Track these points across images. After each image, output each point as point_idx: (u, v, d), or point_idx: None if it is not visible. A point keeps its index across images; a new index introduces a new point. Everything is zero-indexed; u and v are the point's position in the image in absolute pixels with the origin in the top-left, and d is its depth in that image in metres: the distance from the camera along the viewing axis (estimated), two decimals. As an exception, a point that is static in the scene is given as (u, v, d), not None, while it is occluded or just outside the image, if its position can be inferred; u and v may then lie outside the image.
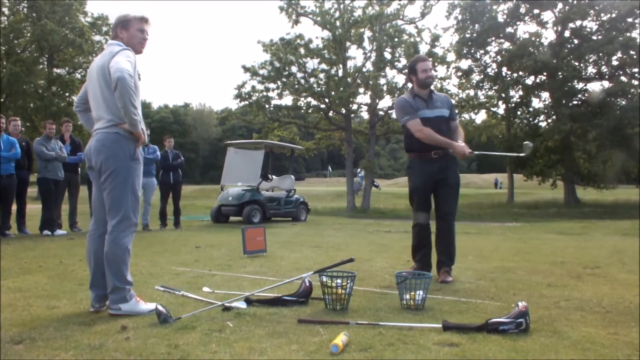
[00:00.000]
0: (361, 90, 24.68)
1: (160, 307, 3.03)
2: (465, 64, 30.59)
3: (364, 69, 24.58)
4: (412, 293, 3.38)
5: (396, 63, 24.78)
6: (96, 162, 3.40)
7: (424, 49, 24.19)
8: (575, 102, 27.97)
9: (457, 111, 22.44)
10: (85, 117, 3.69)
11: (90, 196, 9.85)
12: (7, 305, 3.43)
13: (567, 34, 28.34)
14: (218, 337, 2.70)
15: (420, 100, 4.63)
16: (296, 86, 24.49)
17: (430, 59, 4.89)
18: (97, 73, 3.39)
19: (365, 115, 28.55)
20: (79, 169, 9.82)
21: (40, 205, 9.16)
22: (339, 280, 3.38)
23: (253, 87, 25.02)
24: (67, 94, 34.10)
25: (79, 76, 35.63)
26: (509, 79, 29.32)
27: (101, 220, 3.46)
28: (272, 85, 24.83)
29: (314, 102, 25.48)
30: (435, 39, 24.61)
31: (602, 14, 27.03)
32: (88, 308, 3.35)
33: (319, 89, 24.50)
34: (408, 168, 4.83)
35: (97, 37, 35.35)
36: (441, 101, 4.69)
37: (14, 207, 8.80)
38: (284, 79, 24.41)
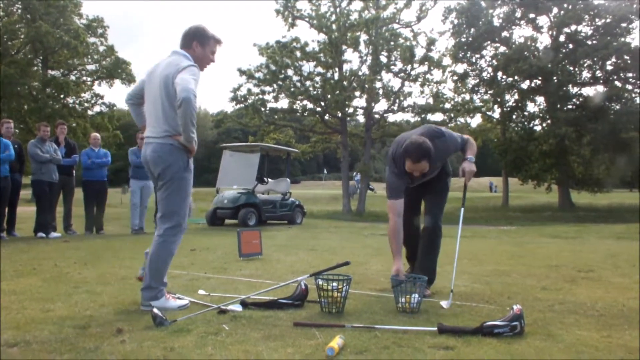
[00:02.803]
0: (357, 93, 24.76)
1: (156, 310, 3.03)
2: (461, 68, 30.80)
3: (360, 73, 24.66)
4: (408, 297, 3.39)
5: (392, 67, 24.85)
6: (154, 171, 3.55)
7: (419, 52, 24.29)
8: (570, 107, 28.13)
9: (452, 115, 22.25)
10: (137, 110, 3.77)
11: (84, 199, 9.88)
12: (1, 308, 3.41)
13: (562, 38, 28.51)
14: (214, 340, 2.70)
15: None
16: (292, 89, 24.52)
17: (425, 160, 3.70)
18: (160, 82, 3.43)
19: (361, 118, 28.61)
20: (74, 172, 9.79)
21: (35, 207, 9.13)
22: (334, 284, 3.38)
23: (249, 90, 25.05)
24: (61, 96, 34.00)
25: (73, 78, 35.54)
26: (504, 83, 29.44)
27: None
28: (268, 88, 24.87)
29: (309, 105, 25.51)
30: (431, 42, 24.70)
31: (597, 19, 27.22)
32: (83, 311, 3.34)
33: (315, 92, 24.54)
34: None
35: (92, 39, 35.27)
36: (438, 160, 4.02)
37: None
38: (280, 82, 24.44)
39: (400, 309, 3.42)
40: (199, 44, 3.56)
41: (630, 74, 26.77)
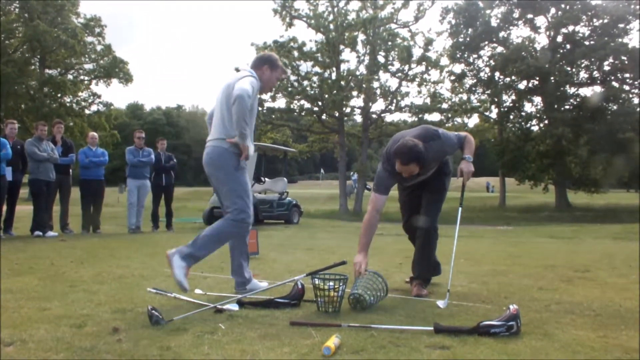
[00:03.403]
0: (354, 93, 24.75)
1: (151, 309, 3.02)
2: (458, 68, 30.83)
3: (358, 72, 24.66)
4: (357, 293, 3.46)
5: (389, 66, 24.86)
6: (207, 171, 3.96)
7: (417, 52, 24.29)
8: (567, 107, 28.16)
9: (450, 115, 22.23)
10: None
11: (81, 198, 9.86)
12: (-2, 306, 3.40)
13: (559, 39, 28.54)
14: (210, 339, 2.69)
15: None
16: (289, 89, 24.50)
17: (414, 163, 3.65)
18: (223, 90, 3.88)
19: (358, 118, 28.62)
20: (71, 171, 9.77)
21: (32, 206, 9.11)
22: (331, 283, 3.38)
23: (246, 89, 24.99)
24: (59, 95, 33.91)
25: (71, 77, 35.45)
26: (501, 83, 29.47)
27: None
28: (265, 88, 24.80)
29: (307, 105, 25.50)
30: (428, 42, 24.72)
31: (595, 20, 27.26)
32: (79, 310, 3.33)
33: (313, 92, 24.53)
34: None
35: (89, 38, 35.21)
36: (432, 162, 3.98)
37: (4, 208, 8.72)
38: (278, 82, 24.41)
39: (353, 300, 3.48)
40: (269, 68, 4.00)
41: (627, 75, 26.83)
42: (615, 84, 27.33)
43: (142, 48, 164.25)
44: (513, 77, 28.67)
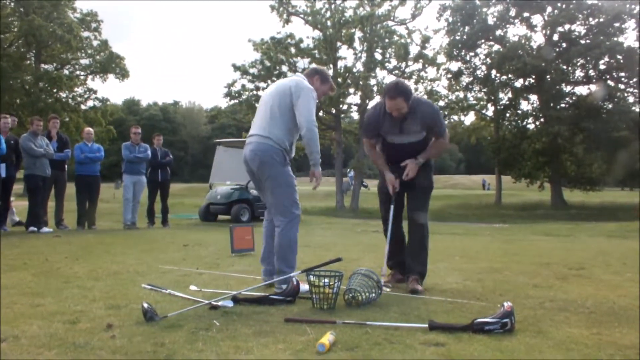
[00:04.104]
0: (351, 90, 24.71)
1: (146, 305, 3.01)
2: (455, 65, 30.76)
3: (355, 70, 24.62)
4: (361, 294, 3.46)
5: (386, 64, 24.85)
6: (252, 167, 3.98)
7: (414, 50, 24.29)
8: (563, 105, 28.20)
9: (446, 113, 22.20)
10: None
11: (77, 194, 9.84)
12: (-7, 302, 3.38)
13: (555, 37, 28.56)
14: (204, 335, 2.69)
15: (392, 121, 4.15)
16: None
17: (401, 97, 3.92)
18: (276, 89, 4.04)
19: (355, 115, 28.60)
20: (66, 166, 9.73)
21: (26, 202, 9.08)
22: (326, 280, 3.38)
23: (243, 85, 24.97)
24: (54, 90, 33.78)
25: (66, 72, 35.32)
26: (498, 81, 29.46)
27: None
28: (262, 84, 24.80)
29: (304, 102, 25.43)
30: (425, 40, 24.72)
31: (591, 18, 27.27)
32: (73, 306, 3.32)
33: (309, 89, 24.46)
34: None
35: (85, 33, 35.06)
36: (418, 123, 4.12)
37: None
38: (275, 78, 24.33)
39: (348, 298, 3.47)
40: (319, 79, 4.18)
41: (622, 74, 26.88)
42: (610, 82, 27.39)
43: (139, 44, 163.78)
44: (509, 75, 28.67)
